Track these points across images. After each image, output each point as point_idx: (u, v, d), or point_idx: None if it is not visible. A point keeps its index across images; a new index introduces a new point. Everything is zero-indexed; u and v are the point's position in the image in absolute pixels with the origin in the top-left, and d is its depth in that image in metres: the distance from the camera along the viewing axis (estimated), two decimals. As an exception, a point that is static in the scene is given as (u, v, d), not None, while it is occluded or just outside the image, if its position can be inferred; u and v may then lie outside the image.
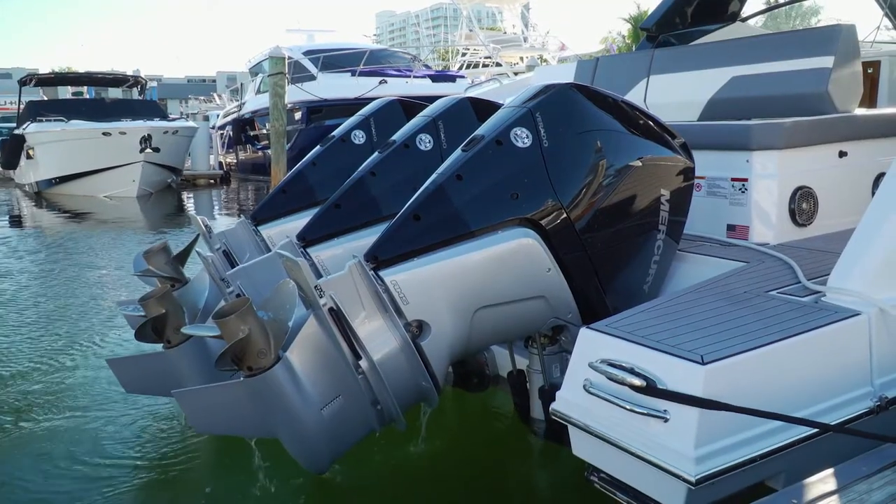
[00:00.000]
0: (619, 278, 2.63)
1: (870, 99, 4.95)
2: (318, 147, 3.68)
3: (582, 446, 2.10)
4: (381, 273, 2.31)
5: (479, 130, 2.58)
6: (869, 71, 4.97)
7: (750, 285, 2.43)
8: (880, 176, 3.25)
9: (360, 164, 3.24)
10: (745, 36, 4.13)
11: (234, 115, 20.26)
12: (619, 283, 2.63)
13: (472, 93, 9.77)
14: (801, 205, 3.11)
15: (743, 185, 3.11)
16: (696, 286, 2.46)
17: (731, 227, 3.14)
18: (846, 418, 2.01)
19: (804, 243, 3.01)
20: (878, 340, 2.12)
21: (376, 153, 3.24)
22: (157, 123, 15.85)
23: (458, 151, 2.56)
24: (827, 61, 3.40)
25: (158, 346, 3.02)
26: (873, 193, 2.39)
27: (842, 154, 3.26)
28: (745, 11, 5.08)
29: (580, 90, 2.61)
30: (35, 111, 16.94)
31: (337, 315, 2.27)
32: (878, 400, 2.07)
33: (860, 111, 3.55)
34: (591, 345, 2.08)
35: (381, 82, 14.86)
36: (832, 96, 3.36)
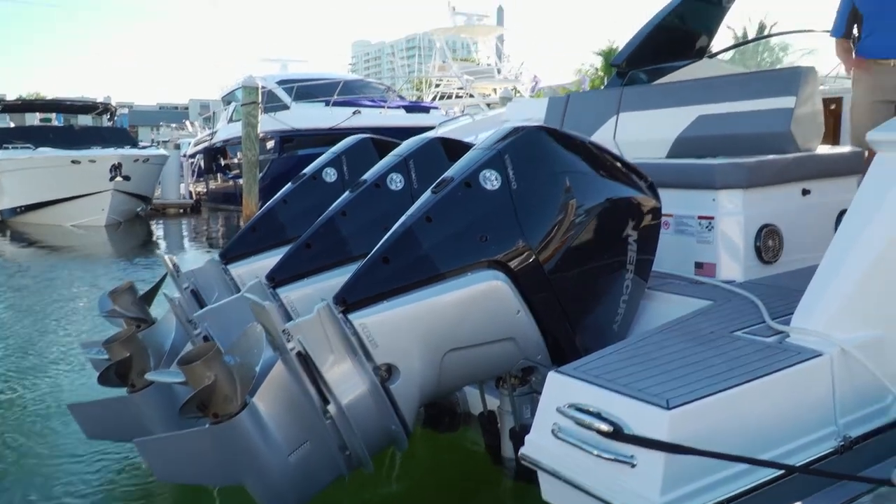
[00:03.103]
0: (589, 318, 2.64)
1: (833, 135, 5.05)
2: (289, 184, 3.67)
3: (552, 491, 2.09)
4: (350, 316, 2.29)
5: (449, 172, 2.58)
6: (832, 107, 5.08)
7: (716, 325, 2.46)
8: (843, 213, 3.32)
9: (331, 202, 3.23)
10: (712, 75, 4.23)
11: (206, 144, 20.10)
12: (589, 323, 2.64)
13: (446, 127, 9.85)
14: (767, 242, 3.17)
15: (709, 222, 3.15)
16: (663, 326, 2.49)
17: (698, 265, 3.18)
18: (811, 459, 2.03)
19: (770, 280, 3.06)
20: (841, 380, 2.15)
21: (347, 192, 3.23)
22: (128, 151, 15.66)
23: (427, 193, 2.56)
24: (789, 101, 3.48)
25: (123, 390, 2.96)
26: (836, 230, 2.44)
27: (805, 192, 3.34)
28: (714, 47, 5.20)
29: (548, 132, 2.64)
30: (1, 138, 16.64)
31: (305, 359, 2.24)
32: (842, 440, 2.10)
33: (823, 149, 3.64)
34: (559, 389, 2.09)
35: (354, 113, 14.88)
36: (795, 135, 3.44)
